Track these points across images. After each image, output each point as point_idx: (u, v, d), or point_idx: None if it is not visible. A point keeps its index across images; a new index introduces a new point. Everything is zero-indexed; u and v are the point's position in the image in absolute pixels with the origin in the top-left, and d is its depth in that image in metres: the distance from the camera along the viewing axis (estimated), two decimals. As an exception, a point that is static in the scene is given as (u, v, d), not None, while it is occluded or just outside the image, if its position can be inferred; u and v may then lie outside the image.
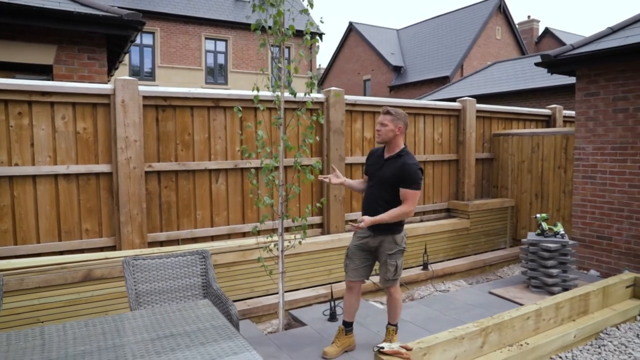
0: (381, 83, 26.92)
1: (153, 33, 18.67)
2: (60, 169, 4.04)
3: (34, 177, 3.97)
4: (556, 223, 5.00)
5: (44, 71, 5.07)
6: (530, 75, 14.46)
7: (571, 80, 12.07)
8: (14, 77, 4.65)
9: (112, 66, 6.82)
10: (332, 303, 4.27)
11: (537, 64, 6.21)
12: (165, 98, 4.48)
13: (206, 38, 19.82)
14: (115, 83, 4.16)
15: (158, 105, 4.47)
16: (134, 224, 4.29)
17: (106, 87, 4.19)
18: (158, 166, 4.48)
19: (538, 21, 29.99)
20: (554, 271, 4.76)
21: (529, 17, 29.91)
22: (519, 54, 25.20)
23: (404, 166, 3.26)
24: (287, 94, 3.88)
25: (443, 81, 22.46)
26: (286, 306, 4.41)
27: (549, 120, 7.78)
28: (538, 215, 5.05)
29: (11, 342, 1.98)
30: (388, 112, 3.32)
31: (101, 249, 4.24)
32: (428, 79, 23.76)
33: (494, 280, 5.59)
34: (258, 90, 3.76)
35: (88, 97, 4.13)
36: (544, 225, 4.93)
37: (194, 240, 4.72)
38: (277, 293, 4.30)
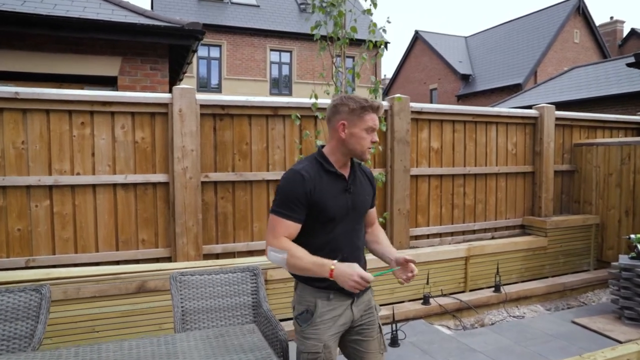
0: (448, 92, 26.09)
1: (220, 46, 19.21)
2: (119, 178, 4.04)
3: (94, 187, 3.98)
4: (654, 245, 4.37)
5: (109, 82, 5.17)
6: (615, 80, 13.32)
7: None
8: (82, 89, 4.76)
9: (175, 77, 6.92)
10: (394, 326, 3.93)
11: (629, 65, 5.57)
12: (222, 107, 4.38)
13: (271, 49, 20.13)
14: (173, 92, 4.11)
15: (215, 114, 4.39)
16: (190, 235, 4.20)
17: (164, 96, 4.15)
18: (215, 176, 4.38)
19: (622, 22, 27.88)
20: (653, 301, 4.14)
21: (611, 18, 27.90)
22: (600, 57, 23.48)
23: (372, 176, 2.29)
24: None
25: (515, 89, 21.36)
26: (344, 327, 4.12)
27: None
28: (633, 235, 4.43)
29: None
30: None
31: (156, 260, 4.19)
32: (498, 87, 22.71)
33: (576, 307, 4.99)
34: (316, 97, 3.55)
35: (146, 106, 4.11)
36: (640, 247, 4.32)
37: (250, 253, 4.57)
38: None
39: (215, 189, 4.43)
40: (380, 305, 4.61)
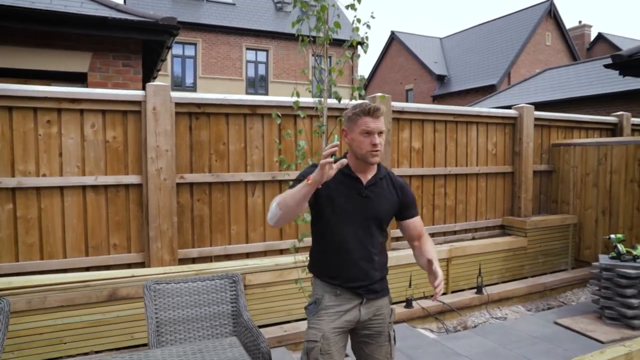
0: (424, 93, 26.28)
1: (195, 44, 18.86)
2: (89, 179, 3.82)
3: (61, 189, 3.75)
4: (635, 245, 4.39)
5: (78, 79, 4.92)
6: (586, 82, 13.59)
7: (633, 86, 11.25)
8: (49, 86, 4.51)
9: (149, 75, 6.68)
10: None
11: (606, 66, 5.61)
12: (199, 105, 4.20)
13: (247, 48, 19.86)
14: (147, 89, 3.92)
15: (191, 113, 4.21)
16: (164, 240, 4.01)
17: (137, 94, 3.95)
18: (190, 177, 4.20)
19: (590, 26, 28.68)
20: (635, 301, 4.15)
21: (580, 22, 28.64)
22: (570, 60, 24.00)
23: (406, 188, 2.27)
24: (329, 100, 3.52)
25: (489, 90, 21.64)
26: (326, 333, 4.00)
27: (614, 129, 7.07)
28: (613, 235, 4.44)
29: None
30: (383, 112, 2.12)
31: (129, 266, 3.98)
32: (473, 87, 22.97)
33: (557, 308, 4.99)
34: (298, 95, 3.41)
35: (118, 104, 3.90)
36: (621, 247, 4.33)
37: (228, 257, 4.40)
38: (316, 317, 3.91)
39: (191, 190, 4.25)
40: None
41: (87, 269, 3.81)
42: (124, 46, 4.93)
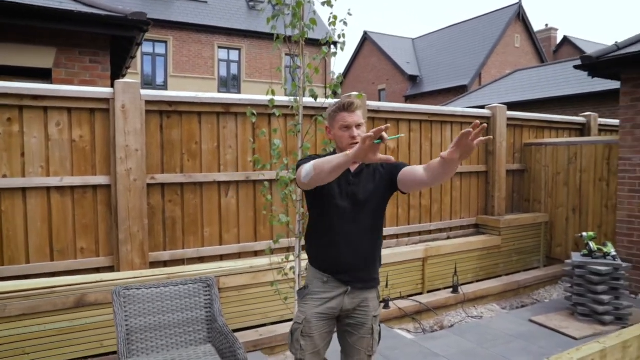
0: (397, 93, 26.47)
1: (166, 42, 18.50)
2: (54, 181, 3.64)
3: (24, 190, 3.56)
4: (605, 243, 4.46)
5: (42, 75, 4.71)
6: (554, 83, 13.91)
7: (600, 87, 11.57)
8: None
9: (118, 72, 6.47)
10: (355, 333, 3.77)
11: (576, 67, 5.70)
12: (170, 103, 4.07)
13: (219, 47, 19.60)
14: (115, 86, 3.76)
15: (162, 111, 4.07)
16: (135, 242, 3.86)
17: (105, 91, 3.79)
18: (162, 178, 4.06)
19: (556, 30, 29.43)
20: (605, 298, 4.22)
21: (546, 25, 29.36)
22: (538, 62, 24.58)
23: (387, 161, 1.88)
24: (305, 99, 3.45)
25: (460, 90, 21.94)
26: (303, 335, 3.93)
27: (583, 129, 7.23)
28: (584, 233, 4.52)
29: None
30: (359, 106, 2.17)
31: (98, 270, 3.82)
32: (445, 88, 23.26)
33: (531, 306, 5.04)
34: (273, 93, 3.33)
35: (85, 101, 3.73)
36: (592, 245, 4.40)
37: (201, 259, 4.28)
38: (292, 319, 3.83)
39: (162, 191, 4.11)
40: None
41: (53, 274, 3.63)
42: (91, 42, 4.73)
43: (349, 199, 2.16)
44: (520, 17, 24.54)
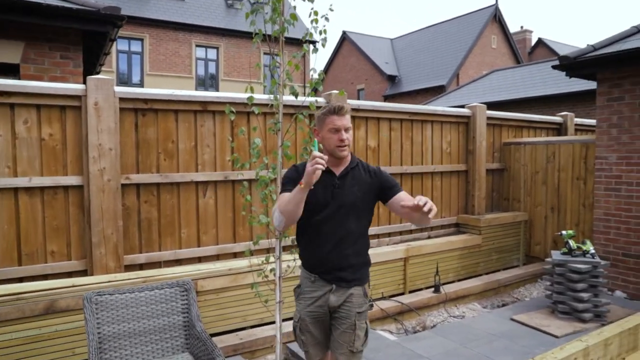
0: (375, 92, 26.54)
1: (142, 39, 18.14)
2: (21, 181, 3.47)
3: (-11, 191, 3.39)
4: (584, 241, 4.50)
5: (9, 71, 4.50)
6: (531, 83, 14.11)
7: (576, 87, 11.77)
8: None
9: (92, 69, 6.27)
10: (337, 335, 3.70)
11: (554, 67, 5.75)
12: (145, 100, 3.93)
13: (197, 45, 19.32)
14: (88, 83, 3.61)
15: (137, 109, 3.93)
16: (108, 245, 3.72)
17: (77, 87, 3.64)
18: (137, 178, 3.93)
19: (531, 32, 29.91)
20: (585, 295, 4.24)
21: (521, 27, 29.82)
22: (514, 63, 24.96)
23: (380, 172, 2.38)
24: (286, 97, 3.36)
25: (438, 90, 22.11)
26: (284, 338, 3.84)
27: (560, 129, 7.32)
28: (564, 232, 4.54)
29: None
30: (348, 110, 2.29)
31: (69, 275, 3.67)
32: (423, 88, 23.41)
33: (512, 304, 5.05)
34: (252, 90, 3.23)
35: (55, 98, 3.57)
36: (572, 243, 4.43)
37: (178, 262, 4.15)
38: (273, 322, 3.75)
39: (137, 192, 3.97)
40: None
41: (21, 279, 3.46)
42: (62, 36, 4.55)
43: (335, 203, 2.26)
44: (497, 18, 24.87)
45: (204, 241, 4.28)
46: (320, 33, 3.05)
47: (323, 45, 3.12)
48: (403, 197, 2.26)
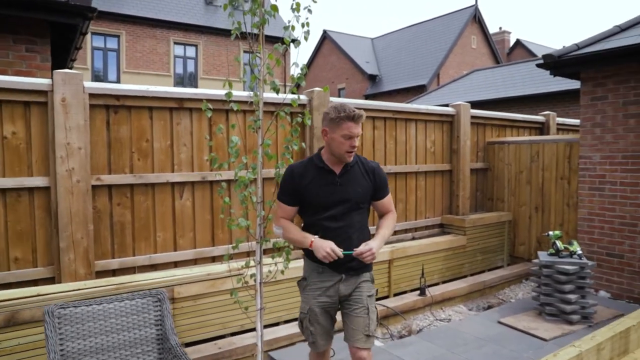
0: (356, 92, 26.48)
1: (118, 36, 17.69)
2: (-19, 183, 3.23)
3: (-55, 194, 3.14)
4: (571, 241, 4.43)
5: (-30, 65, 4.22)
6: (511, 83, 14.19)
7: (556, 87, 11.85)
8: None
9: (63, 65, 5.99)
10: (321, 342, 3.55)
11: (538, 66, 5.69)
12: (117, 97, 3.71)
13: (175, 43, 18.95)
14: (54, 77, 3.38)
15: (109, 106, 3.71)
16: (78, 250, 3.49)
17: (42, 82, 3.40)
18: (109, 179, 3.70)
19: (509, 32, 30.26)
20: (572, 297, 4.18)
21: (500, 28, 30.13)
22: (494, 63, 25.18)
23: (378, 172, 2.59)
24: (266, 94, 3.19)
25: (419, 90, 22.15)
26: (265, 347, 3.67)
27: (542, 128, 7.30)
28: (551, 232, 4.47)
29: None
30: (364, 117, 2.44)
31: (35, 283, 3.43)
32: (404, 87, 23.45)
33: (498, 306, 4.97)
34: (231, 86, 3.05)
35: (19, 93, 3.33)
36: (559, 244, 4.36)
37: (154, 267, 3.95)
38: (254, 329, 3.58)
39: (109, 193, 3.75)
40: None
41: (-19, 288, 3.21)
42: (27, 28, 4.28)
43: (338, 200, 2.41)
44: (477, 19, 25.05)
45: (180, 245, 4.08)
46: (303, 25, 2.89)
47: (306, 39, 2.95)
48: (385, 204, 2.62)
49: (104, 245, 3.74)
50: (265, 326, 3.99)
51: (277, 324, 4.09)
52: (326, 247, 2.25)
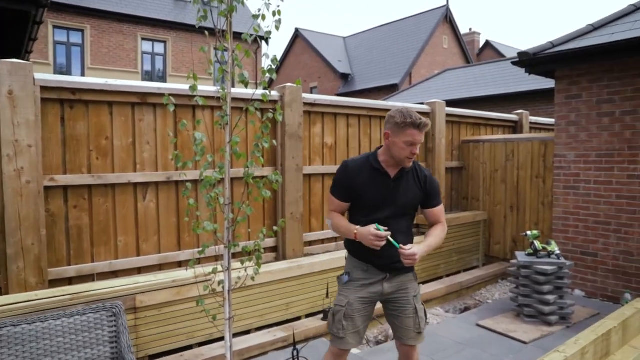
0: (328, 91, 26.33)
1: (82, 30, 17.03)
2: None
3: None
4: (549, 241, 4.37)
5: None
6: (483, 82, 14.29)
7: (525, 87, 11.97)
8: None
9: (17, 57, 5.60)
10: (295, 351, 3.36)
11: (514, 63, 5.63)
12: (73, 91, 3.43)
13: (143, 39, 18.39)
14: (0, 67, 3.08)
15: (64, 100, 3.42)
16: (28, 258, 3.20)
17: (-14, 74, 3.09)
18: (64, 180, 3.42)
19: (479, 34, 30.64)
20: (551, 298, 4.10)
21: (470, 29, 30.48)
22: (465, 63, 25.43)
23: (430, 180, 2.56)
24: (235, 90, 2.98)
25: (392, 89, 22.17)
26: (235, 357, 3.46)
27: (515, 126, 7.29)
28: (529, 232, 4.39)
29: None
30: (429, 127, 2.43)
31: (-21, 294, 3.12)
32: (376, 86, 23.42)
33: (476, 308, 4.87)
34: (196, 78, 2.82)
35: (-41, 86, 3.02)
36: (537, 244, 4.28)
37: (114, 274, 3.68)
38: (222, 339, 3.35)
39: (65, 195, 3.47)
40: (276, 323, 4.02)
41: None
42: (-26, 17, 3.96)
43: (389, 204, 2.43)
44: (448, 19, 25.25)
45: (144, 250, 3.82)
46: (274, 14, 2.69)
47: (277, 28, 2.75)
48: (437, 213, 2.60)
49: (58, 251, 3.45)
50: (236, 335, 3.78)
51: (248, 332, 3.88)
52: (369, 235, 2.27)
